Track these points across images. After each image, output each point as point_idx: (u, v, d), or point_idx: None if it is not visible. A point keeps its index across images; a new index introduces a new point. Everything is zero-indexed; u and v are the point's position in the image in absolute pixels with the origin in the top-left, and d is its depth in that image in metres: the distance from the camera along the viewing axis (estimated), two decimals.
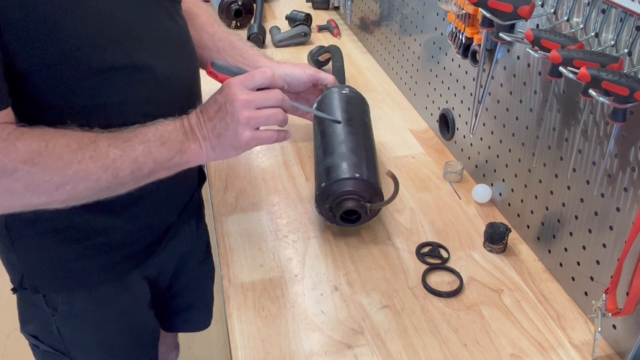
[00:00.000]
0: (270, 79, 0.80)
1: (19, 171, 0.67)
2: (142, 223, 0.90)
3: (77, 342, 0.95)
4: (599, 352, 0.80)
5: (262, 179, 1.15)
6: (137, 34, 0.77)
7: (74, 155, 0.70)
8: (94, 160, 0.71)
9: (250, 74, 0.80)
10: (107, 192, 0.74)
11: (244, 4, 1.83)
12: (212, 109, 0.79)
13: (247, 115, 0.77)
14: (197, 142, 0.78)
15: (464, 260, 0.96)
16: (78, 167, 0.70)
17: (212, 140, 0.78)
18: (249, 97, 0.77)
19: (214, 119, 0.78)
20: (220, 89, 0.80)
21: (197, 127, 0.79)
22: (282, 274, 0.92)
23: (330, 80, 1.12)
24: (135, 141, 0.74)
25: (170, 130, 0.77)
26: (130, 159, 0.73)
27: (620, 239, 0.77)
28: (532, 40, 0.78)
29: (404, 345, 0.81)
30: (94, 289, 0.91)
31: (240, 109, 0.77)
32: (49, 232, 0.83)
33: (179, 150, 0.77)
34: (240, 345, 0.81)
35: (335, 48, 1.47)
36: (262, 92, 0.79)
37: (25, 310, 0.94)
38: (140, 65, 0.77)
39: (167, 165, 0.77)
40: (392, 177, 0.93)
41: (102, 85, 0.74)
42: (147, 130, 0.76)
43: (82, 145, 0.71)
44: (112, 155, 0.72)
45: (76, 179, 0.70)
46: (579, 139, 0.81)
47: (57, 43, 0.68)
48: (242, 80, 0.79)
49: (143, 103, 0.79)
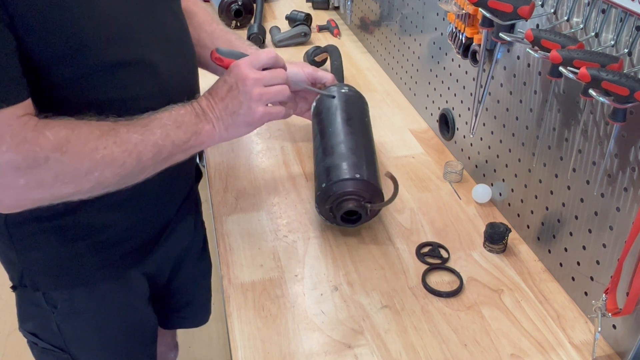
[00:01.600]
0: (274, 58, 0.87)
1: (51, 160, 0.67)
2: (141, 219, 0.91)
3: (76, 339, 0.96)
4: (599, 352, 0.80)
5: (262, 179, 1.15)
6: (141, 30, 0.78)
7: (99, 142, 0.71)
8: (118, 145, 0.73)
9: (256, 54, 0.87)
10: (130, 178, 0.76)
11: (244, 4, 1.83)
12: (223, 90, 0.84)
13: (259, 92, 0.83)
14: (210, 123, 0.82)
15: (464, 260, 0.96)
16: (104, 152, 0.71)
17: (225, 119, 0.83)
18: (258, 76, 0.83)
19: (226, 98, 0.83)
20: (229, 70, 0.85)
21: (209, 109, 0.83)
22: (282, 274, 0.92)
23: (328, 79, 1.12)
24: (153, 126, 0.77)
25: (184, 114, 0.80)
26: (151, 142, 0.76)
27: (620, 239, 0.77)
28: (532, 40, 0.78)
29: (404, 345, 0.81)
30: (93, 286, 0.91)
31: (252, 86, 0.83)
32: (48, 230, 0.84)
33: (194, 132, 0.81)
34: (240, 345, 0.81)
35: (333, 47, 1.47)
36: (269, 71, 0.86)
37: (25, 308, 0.94)
38: (144, 61, 0.78)
39: (184, 148, 0.80)
40: (391, 178, 0.93)
41: (107, 81, 0.75)
42: (161, 115, 0.79)
43: (104, 132, 0.72)
44: (134, 140, 0.74)
45: (103, 164, 0.72)
46: (579, 139, 0.81)
47: (65, 38, 0.69)
48: (250, 61, 0.85)
49: (146, 99, 0.79)
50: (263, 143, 1.27)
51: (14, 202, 0.71)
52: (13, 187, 0.67)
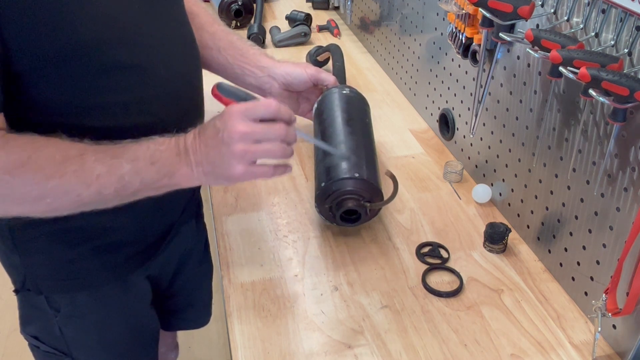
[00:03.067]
0: (274, 113, 0.74)
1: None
2: (145, 223, 0.90)
3: (79, 342, 0.95)
4: (599, 352, 0.80)
5: (262, 179, 1.14)
6: (141, 32, 0.77)
7: (56, 169, 0.68)
8: (77, 176, 0.69)
9: (254, 105, 0.75)
10: (90, 206, 0.73)
11: (244, 4, 1.83)
12: (209, 134, 0.75)
13: (243, 149, 0.72)
14: (189, 166, 0.75)
15: (464, 260, 0.96)
16: (59, 182, 0.68)
17: (204, 166, 0.75)
18: (247, 130, 0.72)
19: (209, 145, 0.74)
20: (221, 114, 0.75)
21: (192, 150, 0.75)
22: (282, 274, 0.92)
23: (331, 81, 1.12)
24: (124, 158, 0.71)
25: (162, 150, 0.74)
26: (116, 177, 0.71)
27: (620, 239, 0.77)
28: (532, 40, 0.78)
29: (404, 345, 0.81)
30: (96, 289, 0.91)
31: (236, 140, 0.72)
32: (52, 234, 0.83)
33: (167, 173, 0.74)
34: (240, 345, 0.81)
35: (335, 47, 1.47)
36: (264, 125, 0.74)
37: (27, 311, 0.94)
38: (144, 64, 0.77)
39: (154, 187, 0.75)
40: (391, 176, 0.93)
41: (106, 84, 0.74)
42: (137, 147, 0.73)
43: (67, 157, 0.69)
44: (97, 171, 0.70)
45: (56, 193, 0.69)
46: (579, 139, 0.81)
47: (61, 39, 0.68)
48: (244, 110, 0.74)
49: (146, 102, 0.78)
50: None
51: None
52: None
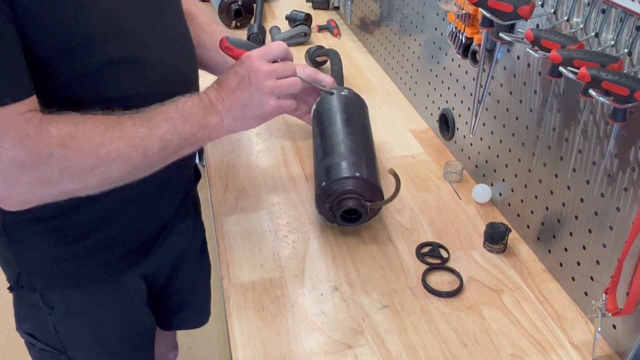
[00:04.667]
0: (285, 51, 0.87)
1: (55, 156, 0.67)
2: (139, 221, 0.90)
3: (73, 340, 0.95)
4: (599, 352, 0.80)
5: (262, 179, 1.15)
6: (142, 28, 0.78)
7: (104, 136, 0.71)
8: (124, 140, 0.72)
9: (268, 47, 0.86)
10: (138, 172, 0.76)
11: (244, 4, 1.83)
12: (234, 82, 0.83)
13: (271, 85, 0.82)
14: (218, 116, 0.82)
15: (464, 260, 0.96)
16: (110, 148, 0.71)
17: (235, 112, 0.82)
18: (270, 68, 0.83)
19: (237, 90, 0.82)
20: (240, 61, 0.84)
21: (218, 101, 0.82)
22: (282, 274, 0.92)
23: (328, 82, 1.12)
24: (159, 119, 0.76)
25: (191, 106, 0.79)
26: (157, 136, 0.75)
27: (620, 239, 0.77)
28: (532, 40, 0.78)
29: (404, 345, 0.81)
30: (90, 287, 0.91)
31: (264, 79, 0.82)
32: (46, 232, 0.83)
33: (201, 125, 0.80)
34: (240, 345, 0.81)
35: (334, 52, 1.47)
36: (281, 63, 0.85)
37: (22, 308, 0.94)
38: (145, 59, 0.78)
39: (191, 141, 0.80)
40: (393, 174, 0.93)
41: (109, 78, 0.74)
42: (168, 108, 0.78)
43: (110, 126, 0.72)
44: (140, 134, 0.73)
45: (109, 159, 0.71)
46: (579, 139, 0.81)
47: (69, 33, 0.69)
48: (262, 53, 0.84)
49: (147, 97, 0.79)
50: (263, 143, 1.27)
51: (20, 199, 0.70)
52: (18, 184, 0.67)
